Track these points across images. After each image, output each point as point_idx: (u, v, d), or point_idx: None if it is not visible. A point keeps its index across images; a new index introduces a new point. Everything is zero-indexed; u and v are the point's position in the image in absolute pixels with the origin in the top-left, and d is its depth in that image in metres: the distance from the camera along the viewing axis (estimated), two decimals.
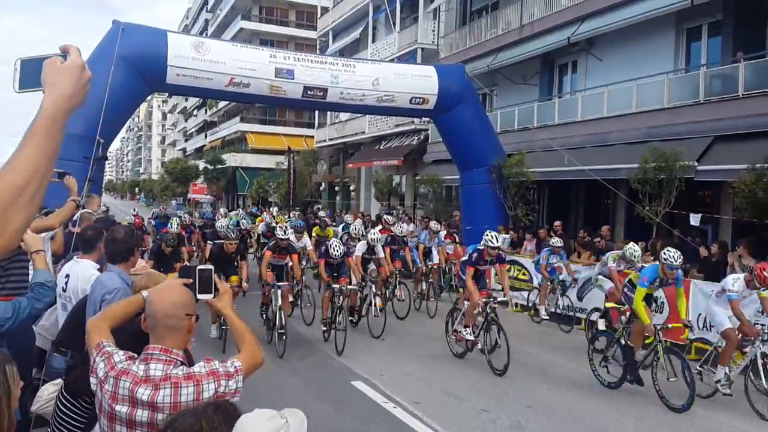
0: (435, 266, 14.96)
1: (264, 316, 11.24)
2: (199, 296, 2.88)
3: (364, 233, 13.99)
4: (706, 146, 14.16)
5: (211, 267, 2.99)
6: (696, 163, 13.78)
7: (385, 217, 17.79)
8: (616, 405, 7.86)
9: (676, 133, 14.91)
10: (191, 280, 2.90)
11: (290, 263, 11.53)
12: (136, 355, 2.56)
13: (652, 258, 11.71)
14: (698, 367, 8.38)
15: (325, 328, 10.79)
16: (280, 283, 10.52)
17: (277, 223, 17.19)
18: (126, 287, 3.93)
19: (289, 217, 24.53)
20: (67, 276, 4.79)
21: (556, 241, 13.15)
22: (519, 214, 17.64)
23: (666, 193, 13.65)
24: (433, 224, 15.95)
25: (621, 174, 15.07)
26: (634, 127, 16.34)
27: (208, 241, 14.90)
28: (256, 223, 21.60)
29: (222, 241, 11.26)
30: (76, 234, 5.65)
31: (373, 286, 12.19)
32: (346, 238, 13.38)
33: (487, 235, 9.88)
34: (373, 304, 11.61)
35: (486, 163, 17.74)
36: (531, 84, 21.83)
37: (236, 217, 23.25)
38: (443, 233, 15.82)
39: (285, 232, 11.61)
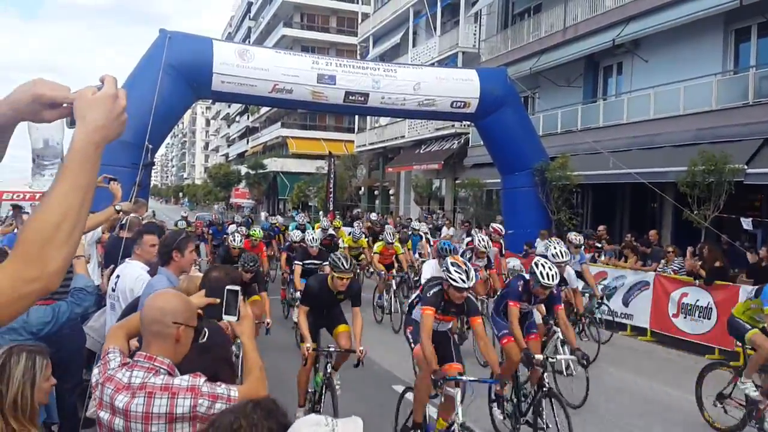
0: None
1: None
2: (225, 317, 2.77)
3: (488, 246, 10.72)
4: (756, 149, 13.79)
5: (239, 288, 2.84)
6: (746, 166, 13.41)
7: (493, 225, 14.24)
8: None
9: (725, 136, 14.54)
10: (218, 300, 2.80)
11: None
12: (130, 361, 2.51)
13: (699, 264, 11.46)
14: None
15: None
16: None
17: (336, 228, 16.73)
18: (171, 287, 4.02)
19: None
20: (117, 277, 4.94)
21: (575, 238, 11.05)
22: (562, 218, 17.40)
23: (715, 196, 13.32)
24: (574, 236, 11.27)
25: (668, 177, 14.76)
26: (682, 130, 15.99)
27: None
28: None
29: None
30: (126, 238, 5.78)
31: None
32: (470, 255, 10.36)
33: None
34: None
35: (528, 166, 17.56)
36: (575, 86, 21.54)
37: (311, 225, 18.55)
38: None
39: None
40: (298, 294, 9.02)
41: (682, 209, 14.10)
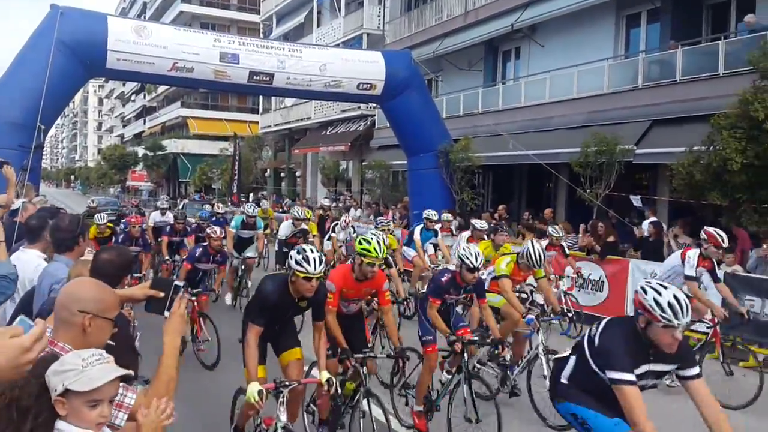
0: None
1: None
2: (166, 313, 2.78)
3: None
4: (644, 130, 14.68)
5: (183, 283, 2.91)
6: (635, 147, 14.27)
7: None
8: None
9: (615, 118, 15.38)
10: (162, 294, 2.79)
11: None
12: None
13: (590, 238, 12.18)
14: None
15: None
16: None
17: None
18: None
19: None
20: (14, 266, 4.67)
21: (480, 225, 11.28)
22: (465, 198, 17.92)
23: (606, 176, 14.10)
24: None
25: (563, 158, 15.47)
26: (576, 112, 16.77)
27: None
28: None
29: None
30: (20, 224, 5.49)
31: None
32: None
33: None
34: None
35: (433, 148, 17.92)
36: (476, 70, 22.11)
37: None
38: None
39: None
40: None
41: (575, 188, 14.85)
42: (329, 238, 13.12)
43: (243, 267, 11.79)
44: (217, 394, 6.57)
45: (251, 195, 35.19)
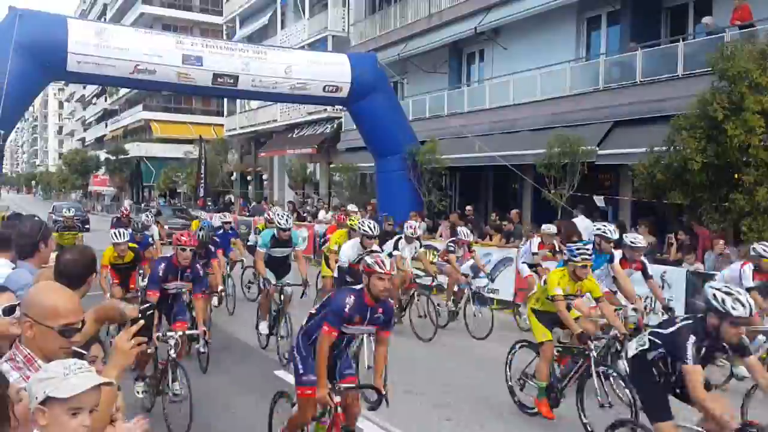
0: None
1: None
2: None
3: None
4: (606, 131, 14.94)
5: (148, 305, 2.72)
6: (597, 148, 14.51)
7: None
8: None
9: (578, 120, 15.63)
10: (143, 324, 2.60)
11: None
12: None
13: (558, 238, 12.32)
14: None
15: None
16: None
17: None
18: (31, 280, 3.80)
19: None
20: None
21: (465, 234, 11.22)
22: (433, 200, 18.00)
23: (570, 177, 14.31)
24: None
25: (528, 159, 15.65)
26: (539, 114, 16.98)
27: None
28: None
29: None
30: None
31: None
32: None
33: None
34: None
35: (400, 150, 17.97)
36: (441, 72, 22.23)
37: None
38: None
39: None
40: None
41: (540, 189, 15.03)
42: (390, 255, 9.58)
43: (281, 298, 8.82)
44: None
45: (220, 198, 34.87)
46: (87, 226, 22.24)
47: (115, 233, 8.87)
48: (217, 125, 45.91)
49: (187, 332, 6.67)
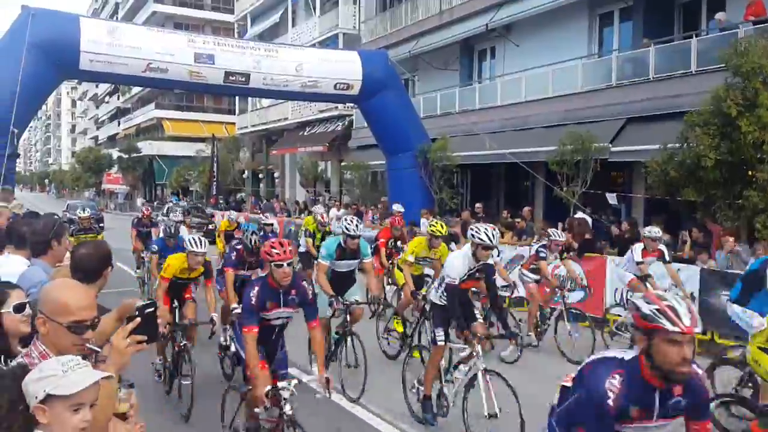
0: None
1: None
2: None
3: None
4: (619, 128, 14.84)
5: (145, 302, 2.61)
6: (610, 145, 14.42)
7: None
8: None
9: (590, 116, 15.53)
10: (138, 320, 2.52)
11: None
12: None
13: (569, 235, 12.27)
14: None
15: None
16: None
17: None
18: (46, 279, 3.82)
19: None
20: None
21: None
22: (444, 197, 17.98)
23: (582, 174, 14.23)
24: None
25: (540, 157, 15.58)
26: (551, 111, 16.90)
27: None
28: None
29: None
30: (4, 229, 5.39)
31: None
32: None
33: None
34: None
35: (411, 147, 17.96)
36: (452, 69, 22.17)
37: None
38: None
39: None
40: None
41: (552, 187, 14.97)
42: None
43: (348, 318, 7.34)
44: None
45: (232, 196, 35.00)
46: (101, 225, 22.21)
47: (192, 240, 7.12)
48: (229, 123, 46.03)
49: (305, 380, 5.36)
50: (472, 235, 5.82)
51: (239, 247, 8.14)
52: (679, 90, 13.46)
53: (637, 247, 8.97)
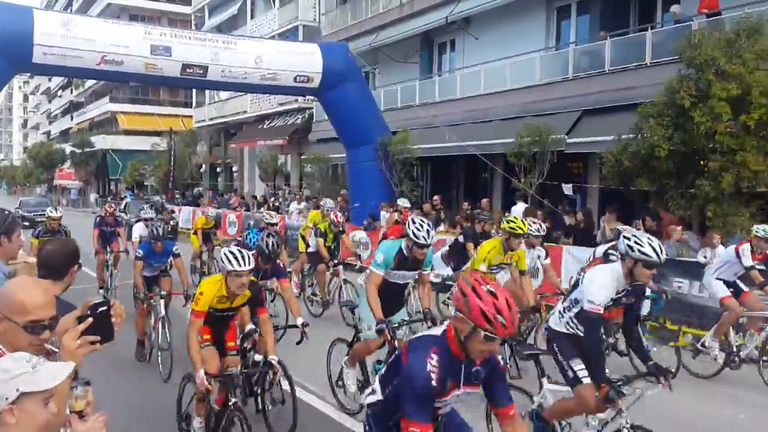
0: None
1: None
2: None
3: None
4: (575, 120, 15.11)
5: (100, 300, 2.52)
6: (566, 137, 14.67)
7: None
8: None
9: (548, 109, 15.76)
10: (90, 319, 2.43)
11: None
12: None
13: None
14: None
15: None
16: None
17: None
18: (2, 277, 3.74)
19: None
20: None
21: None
22: (405, 190, 18.03)
23: (539, 165, 14.45)
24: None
25: (498, 149, 15.77)
26: (510, 104, 17.09)
27: None
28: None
29: None
30: None
31: None
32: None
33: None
34: None
35: (372, 140, 17.96)
36: (412, 62, 22.24)
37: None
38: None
39: None
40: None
41: (510, 178, 15.16)
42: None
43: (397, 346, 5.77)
44: None
45: (189, 191, 34.49)
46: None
47: (231, 255, 4.99)
48: (186, 117, 45.33)
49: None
50: (630, 248, 4.43)
51: (252, 252, 5.88)
52: (634, 82, 13.75)
53: (746, 248, 7.57)
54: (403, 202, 13.58)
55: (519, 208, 13.27)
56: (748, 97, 9.92)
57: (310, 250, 11.41)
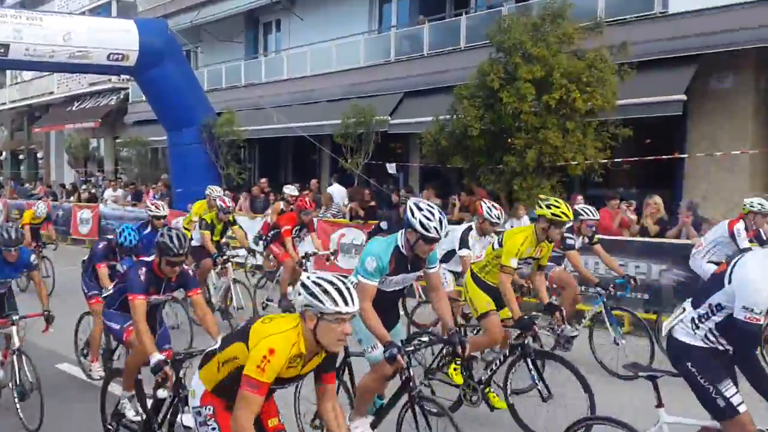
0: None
1: None
2: None
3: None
4: (397, 102, 15.73)
5: None
6: (389, 118, 15.23)
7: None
8: None
9: (372, 91, 16.25)
10: None
11: None
12: None
13: (355, 204, 12.79)
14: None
15: None
16: None
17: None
18: None
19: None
20: None
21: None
22: (232, 173, 17.67)
23: (365, 146, 14.87)
24: None
25: (325, 130, 16.00)
26: (335, 85, 17.36)
27: None
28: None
29: None
30: None
31: None
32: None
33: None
34: None
35: (195, 122, 17.35)
36: (237, 42, 21.80)
37: None
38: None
39: None
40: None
41: (338, 159, 15.46)
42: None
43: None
44: None
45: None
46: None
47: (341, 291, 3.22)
48: None
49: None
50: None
51: (151, 259, 5.05)
52: (449, 65, 14.55)
53: (740, 226, 7.04)
54: (290, 190, 12.48)
55: (334, 189, 13.48)
56: (551, 78, 10.66)
57: (194, 243, 9.19)
